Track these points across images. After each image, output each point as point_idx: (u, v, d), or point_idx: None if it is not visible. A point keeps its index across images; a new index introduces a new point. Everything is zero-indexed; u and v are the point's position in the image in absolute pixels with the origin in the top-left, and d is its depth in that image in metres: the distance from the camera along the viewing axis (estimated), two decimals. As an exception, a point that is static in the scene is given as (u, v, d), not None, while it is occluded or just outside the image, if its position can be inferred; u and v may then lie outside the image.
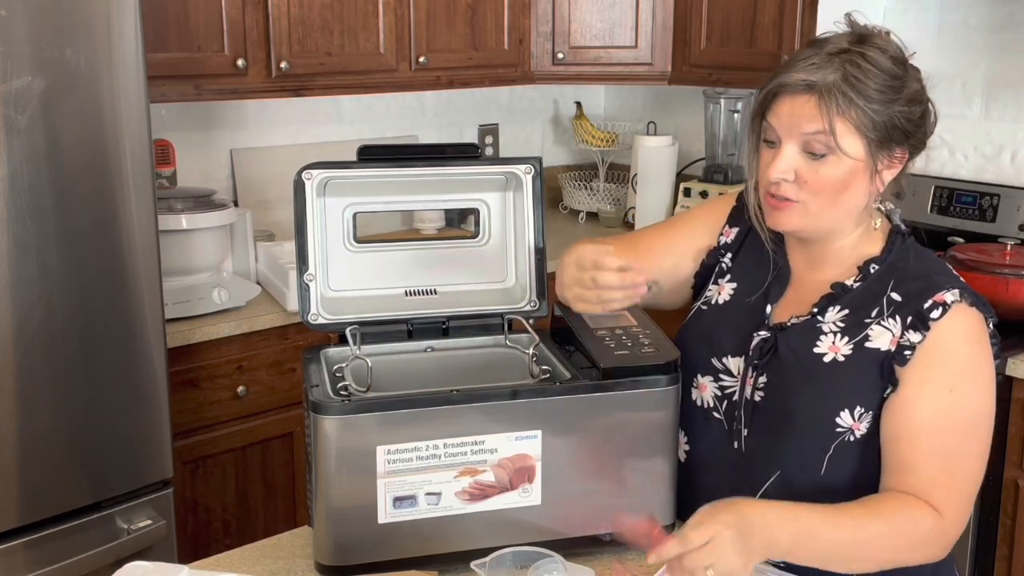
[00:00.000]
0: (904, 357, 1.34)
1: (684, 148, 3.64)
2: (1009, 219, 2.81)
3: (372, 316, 1.51)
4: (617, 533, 1.33)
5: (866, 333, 1.37)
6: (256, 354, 2.62)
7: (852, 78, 1.31)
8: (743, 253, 1.53)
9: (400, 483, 1.31)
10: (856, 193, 1.36)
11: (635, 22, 3.30)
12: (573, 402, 1.35)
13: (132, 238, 2.15)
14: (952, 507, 1.32)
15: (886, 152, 1.35)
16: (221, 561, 1.41)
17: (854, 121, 1.31)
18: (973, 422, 1.34)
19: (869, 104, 1.31)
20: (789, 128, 1.34)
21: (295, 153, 3.12)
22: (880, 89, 1.32)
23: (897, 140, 1.35)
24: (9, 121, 1.93)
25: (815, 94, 1.31)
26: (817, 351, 1.39)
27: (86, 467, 2.14)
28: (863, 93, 1.31)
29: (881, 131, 1.33)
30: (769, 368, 1.41)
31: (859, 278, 1.41)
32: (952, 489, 1.32)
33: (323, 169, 1.47)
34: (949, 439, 1.32)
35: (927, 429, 1.32)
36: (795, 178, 1.35)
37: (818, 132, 1.32)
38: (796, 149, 1.35)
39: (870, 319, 1.38)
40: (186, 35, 2.60)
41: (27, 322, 2.01)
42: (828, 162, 1.33)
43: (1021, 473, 2.33)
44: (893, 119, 1.33)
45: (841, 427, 1.36)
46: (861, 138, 1.32)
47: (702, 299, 1.55)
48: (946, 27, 2.98)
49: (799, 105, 1.33)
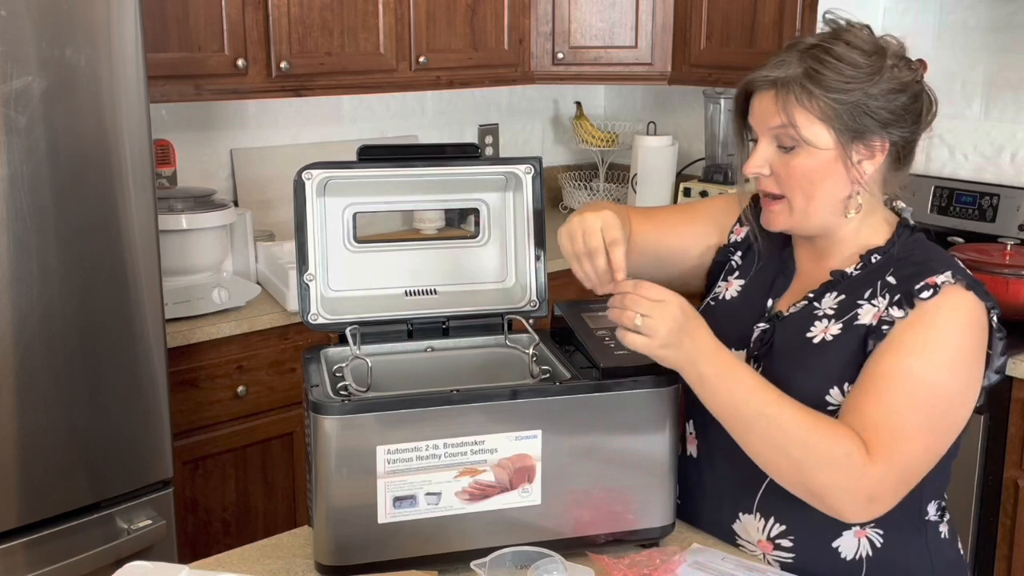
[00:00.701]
0: (882, 332, 1.33)
1: (684, 148, 3.64)
2: (1009, 219, 2.81)
3: (372, 316, 1.51)
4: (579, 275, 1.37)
5: (855, 312, 1.38)
6: (256, 354, 2.62)
7: (811, 71, 1.34)
8: (751, 253, 1.55)
9: (400, 483, 1.31)
10: (835, 184, 1.37)
11: (635, 22, 3.30)
12: (573, 402, 1.35)
13: (132, 238, 2.15)
14: (882, 457, 1.27)
15: (860, 141, 1.36)
16: (221, 561, 1.41)
17: (816, 112, 1.34)
18: (936, 394, 1.30)
19: (828, 94, 1.33)
20: (760, 124, 1.39)
21: (295, 153, 3.12)
22: (844, 79, 1.33)
23: (872, 129, 1.35)
24: (9, 121, 1.93)
25: (775, 88, 1.36)
26: (809, 335, 1.40)
27: (86, 467, 2.14)
28: (822, 83, 1.33)
29: (848, 120, 1.34)
30: (767, 357, 1.42)
31: (860, 266, 1.42)
32: (890, 445, 1.27)
33: (323, 169, 1.47)
34: (900, 398, 1.29)
35: (881, 383, 1.30)
36: (771, 172, 1.39)
37: (782, 126, 1.36)
38: (770, 144, 1.39)
39: (862, 300, 1.38)
40: (186, 35, 2.60)
41: (27, 322, 2.01)
42: (799, 154, 1.36)
43: (1021, 473, 2.33)
44: (861, 108, 1.34)
45: (832, 404, 1.36)
46: (828, 128, 1.34)
47: (710, 295, 1.58)
48: (946, 27, 2.98)
49: (764, 101, 1.38)
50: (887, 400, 1.30)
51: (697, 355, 1.31)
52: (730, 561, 1.39)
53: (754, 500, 1.42)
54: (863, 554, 1.39)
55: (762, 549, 1.42)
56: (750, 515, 1.43)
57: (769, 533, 1.41)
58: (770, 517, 1.41)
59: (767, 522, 1.41)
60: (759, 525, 1.42)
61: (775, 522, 1.41)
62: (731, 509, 1.45)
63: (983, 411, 2.26)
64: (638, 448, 1.38)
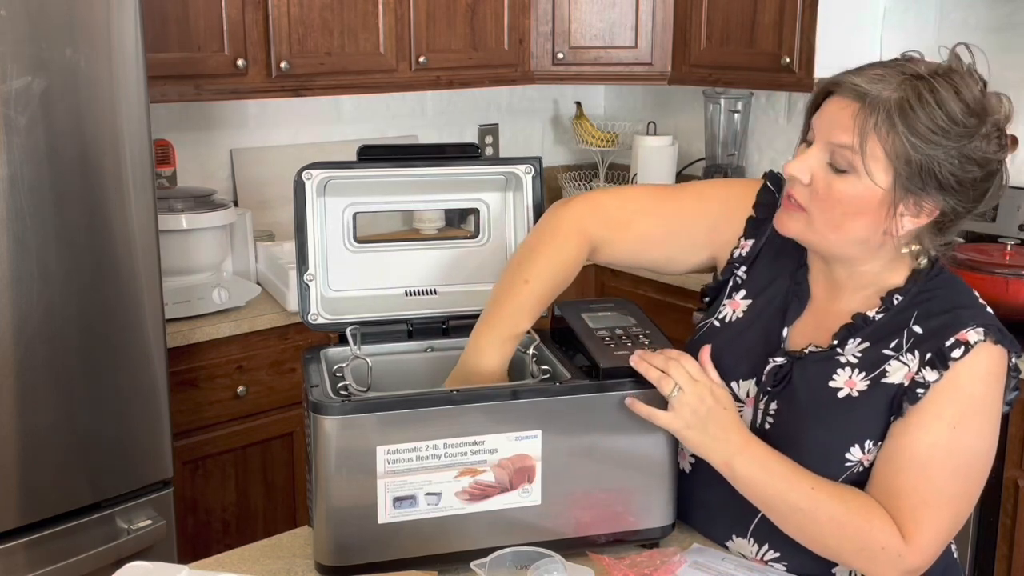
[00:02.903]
0: (916, 395, 1.27)
1: (684, 148, 3.64)
2: (1009, 219, 2.81)
3: (372, 316, 1.51)
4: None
5: (884, 368, 1.31)
6: (256, 354, 2.62)
7: (907, 104, 1.21)
8: (758, 266, 1.45)
9: (400, 483, 1.31)
10: (866, 225, 1.27)
11: (635, 22, 3.30)
12: (573, 402, 1.35)
13: (132, 238, 2.15)
14: (921, 540, 1.26)
15: (913, 196, 1.24)
16: (221, 561, 1.41)
17: (887, 146, 1.22)
18: (971, 462, 1.28)
19: (910, 137, 1.21)
20: (825, 131, 1.27)
21: (295, 153, 3.12)
22: (932, 128, 1.21)
23: (931, 189, 1.24)
24: (9, 121, 1.93)
25: (860, 103, 1.23)
26: (832, 385, 1.33)
27: (86, 467, 2.14)
28: (909, 123, 1.21)
29: (914, 169, 1.22)
30: (781, 397, 1.36)
31: (881, 309, 1.34)
32: (928, 524, 1.27)
33: (323, 169, 1.47)
34: (941, 475, 1.27)
35: (921, 461, 1.27)
36: (810, 182, 1.29)
37: (846, 146, 1.24)
38: (823, 155, 1.28)
39: (889, 352, 1.31)
40: (186, 35, 2.60)
41: (27, 322, 2.01)
42: (847, 179, 1.25)
43: (1021, 473, 2.33)
44: (933, 164, 1.22)
45: (851, 461, 1.32)
46: (890, 167, 1.23)
47: (714, 315, 1.48)
48: (946, 27, 2.98)
49: (840, 109, 1.25)
50: (926, 483, 1.27)
51: (727, 448, 1.30)
52: (730, 561, 1.39)
53: (748, 527, 1.39)
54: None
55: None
56: (744, 539, 1.40)
57: (763, 557, 1.39)
58: (764, 543, 1.39)
59: (761, 547, 1.39)
60: (752, 549, 1.40)
61: (769, 548, 1.39)
62: (724, 529, 1.43)
63: (983, 411, 2.26)
64: (638, 448, 1.38)
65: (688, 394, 1.30)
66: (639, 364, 1.33)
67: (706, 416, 1.30)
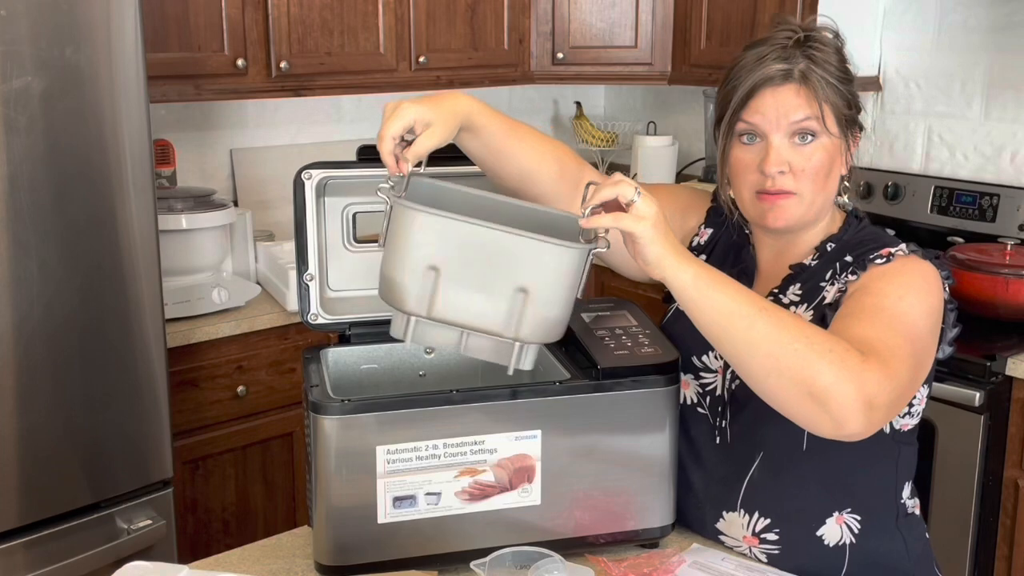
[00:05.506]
0: (839, 303, 1.33)
1: (684, 148, 3.64)
2: (1009, 219, 2.81)
3: (372, 316, 1.51)
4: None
5: (822, 296, 1.39)
6: (256, 354, 2.62)
7: (820, 63, 1.36)
8: (716, 254, 1.53)
9: (400, 483, 1.31)
10: (835, 174, 1.40)
11: (635, 22, 3.30)
12: (573, 402, 1.35)
13: (132, 238, 2.15)
14: (877, 364, 1.20)
15: (851, 131, 1.41)
16: (221, 561, 1.41)
17: (831, 101, 1.36)
18: (911, 330, 1.26)
19: (834, 84, 1.36)
20: (776, 120, 1.36)
21: (295, 153, 3.12)
22: (840, 70, 1.38)
23: (854, 119, 1.41)
24: (9, 121, 1.93)
25: (796, 82, 1.35)
26: None
27: (86, 467, 2.14)
28: (831, 74, 1.36)
29: (847, 110, 1.38)
30: None
31: (816, 256, 1.43)
32: (881, 356, 1.21)
33: (323, 169, 1.47)
34: (885, 324, 1.25)
35: (865, 311, 1.27)
36: (789, 169, 1.37)
37: (808, 118, 1.35)
38: (784, 140, 1.37)
39: (824, 283, 1.40)
40: (186, 35, 2.60)
41: (27, 321, 2.01)
42: (815, 146, 1.37)
43: (1021, 473, 2.33)
44: (851, 99, 1.39)
45: None
46: (831, 115, 1.37)
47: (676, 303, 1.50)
48: (946, 27, 2.98)
49: (783, 95, 1.36)
50: (873, 325, 1.25)
51: (686, 257, 1.23)
52: (730, 561, 1.39)
53: (737, 497, 1.42)
54: (846, 541, 1.40)
55: (747, 544, 1.43)
56: (734, 512, 1.43)
57: (754, 528, 1.42)
58: (754, 512, 1.41)
59: (751, 517, 1.42)
60: (743, 521, 1.42)
61: (759, 516, 1.41)
62: (714, 509, 1.45)
63: (983, 411, 2.27)
64: (638, 448, 1.38)
65: (646, 198, 1.21)
66: (591, 202, 1.23)
67: (665, 224, 1.22)
